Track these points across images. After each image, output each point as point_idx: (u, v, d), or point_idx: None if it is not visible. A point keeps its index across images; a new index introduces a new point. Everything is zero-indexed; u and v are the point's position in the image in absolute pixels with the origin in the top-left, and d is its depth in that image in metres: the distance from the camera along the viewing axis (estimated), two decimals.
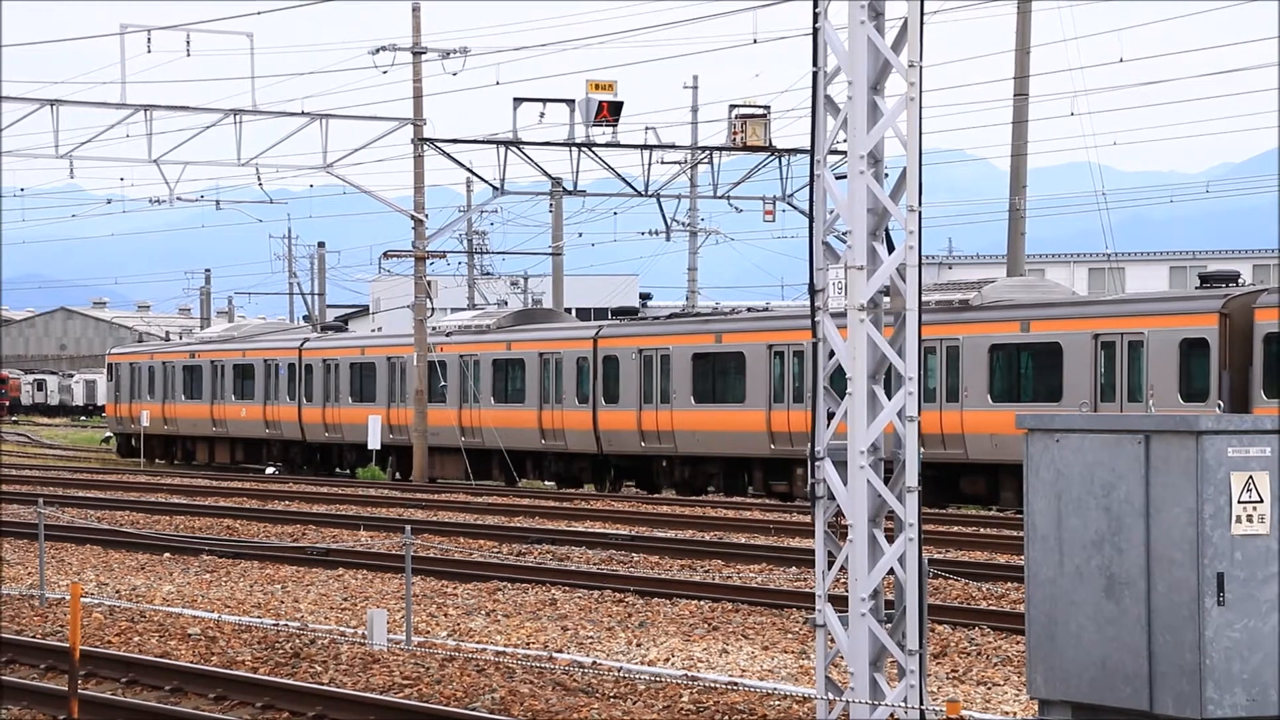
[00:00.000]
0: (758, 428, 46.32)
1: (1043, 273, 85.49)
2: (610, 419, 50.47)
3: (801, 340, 44.64)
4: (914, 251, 13.14)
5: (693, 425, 48.16)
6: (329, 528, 35.72)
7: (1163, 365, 37.76)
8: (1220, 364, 36.96)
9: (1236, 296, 37.33)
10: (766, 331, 46.72)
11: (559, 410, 51.91)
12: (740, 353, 46.93)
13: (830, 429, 13.46)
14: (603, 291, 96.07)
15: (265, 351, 65.02)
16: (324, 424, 61.47)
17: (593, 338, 51.47)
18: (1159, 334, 37.94)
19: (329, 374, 61.32)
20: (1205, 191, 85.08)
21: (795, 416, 45.20)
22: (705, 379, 47.98)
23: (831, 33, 13.38)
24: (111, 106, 50.49)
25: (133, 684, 17.69)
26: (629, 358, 49.92)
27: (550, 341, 52.66)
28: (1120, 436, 12.48)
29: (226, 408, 66.49)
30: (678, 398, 48.50)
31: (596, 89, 49.74)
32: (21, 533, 33.77)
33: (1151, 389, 37.73)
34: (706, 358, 47.96)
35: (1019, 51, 49.36)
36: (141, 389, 71.61)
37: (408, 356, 57.18)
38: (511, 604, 23.92)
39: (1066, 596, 12.71)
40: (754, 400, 46.44)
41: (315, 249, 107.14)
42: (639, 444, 49.69)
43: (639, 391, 49.58)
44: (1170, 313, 38.39)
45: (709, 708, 16.01)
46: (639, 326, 51.32)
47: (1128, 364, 38.43)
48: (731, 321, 49.04)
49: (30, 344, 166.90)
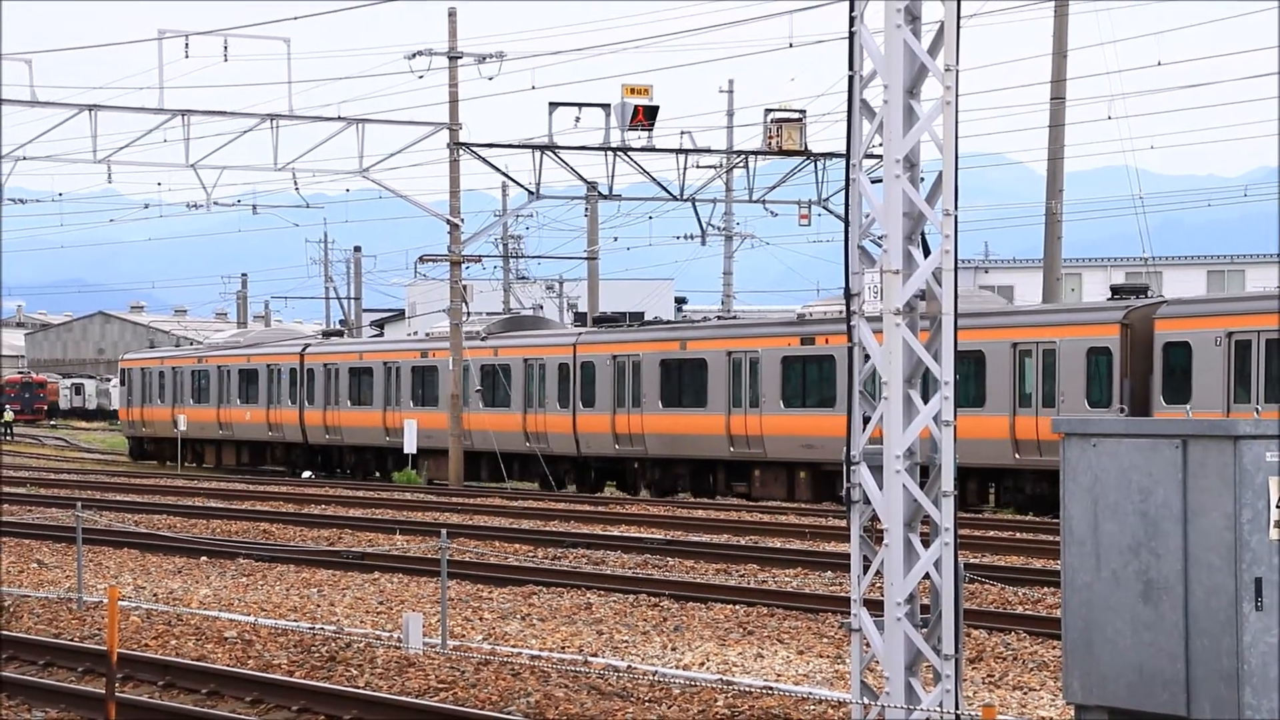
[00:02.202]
0: (718, 431, 48.30)
1: (1079, 277, 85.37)
2: (588, 422, 52.27)
3: (757, 348, 47.37)
4: (950, 255, 13.11)
5: (661, 429, 50.15)
6: (365, 531, 35.78)
7: (1072, 373, 40.03)
8: (1122, 372, 39.20)
9: (1138, 308, 39.55)
10: (726, 339, 48.74)
11: (542, 414, 53.70)
12: (703, 359, 48.99)
13: (866, 433, 13.44)
14: (638, 295, 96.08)
15: (268, 357, 67.09)
16: (325, 426, 63.34)
17: (572, 344, 53.27)
18: (1069, 343, 40.20)
19: (329, 378, 63.12)
20: (1244, 195, 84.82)
21: (752, 421, 47.34)
22: (672, 384, 49.98)
23: (867, 36, 13.36)
24: (149, 111, 50.67)
25: (170, 687, 17.74)
26: (604, 364, 51.86)
27: (534, 348, 54.47)
28: (1157, 441, 12.44)
29: (232, 411, 68.53)
30: (647, 402, 50.44)
31: (632, 93, 49.75)
32: (60, 536, 33.91)
33: (1063, 395, 39.88)
34: (672, 364, 49.95)
35: (1056, 55, 49.25)
36: (152, 393, 74.00)
37: (403, 361, 59.27)
38: (547, 608, 23.93)
39: (1103, 601, 12.67)
40: (715, 405, 48.47)
41: (351, 253, 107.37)
42: (614, 446, 51.63)
43: (613, 396, 51.47)
44: (1078, 323, 40.67)
45: (744, 712, 15.99)
46: (614, 334, 53.13)
47: (1042, 371, 40.57)
48: (695, 330, 51.36)
49: (68, 348, 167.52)
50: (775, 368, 46.96)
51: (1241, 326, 37.24)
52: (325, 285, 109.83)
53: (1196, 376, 37.86)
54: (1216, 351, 37.51)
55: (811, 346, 46.32)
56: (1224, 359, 37.44)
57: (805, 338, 46.59)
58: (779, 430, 46.86)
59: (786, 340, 47.07)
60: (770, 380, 47.04)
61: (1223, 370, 37.47)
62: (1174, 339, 38.44)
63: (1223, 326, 37.59)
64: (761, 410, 47.24)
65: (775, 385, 46.94)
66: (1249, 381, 37.04)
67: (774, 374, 46.97)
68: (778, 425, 46.86)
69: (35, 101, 49.76)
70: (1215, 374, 37.56)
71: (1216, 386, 37.49)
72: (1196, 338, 37.97)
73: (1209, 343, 37.68)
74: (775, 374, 46.94)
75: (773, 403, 47.01)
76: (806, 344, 46.49)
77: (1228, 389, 37.37)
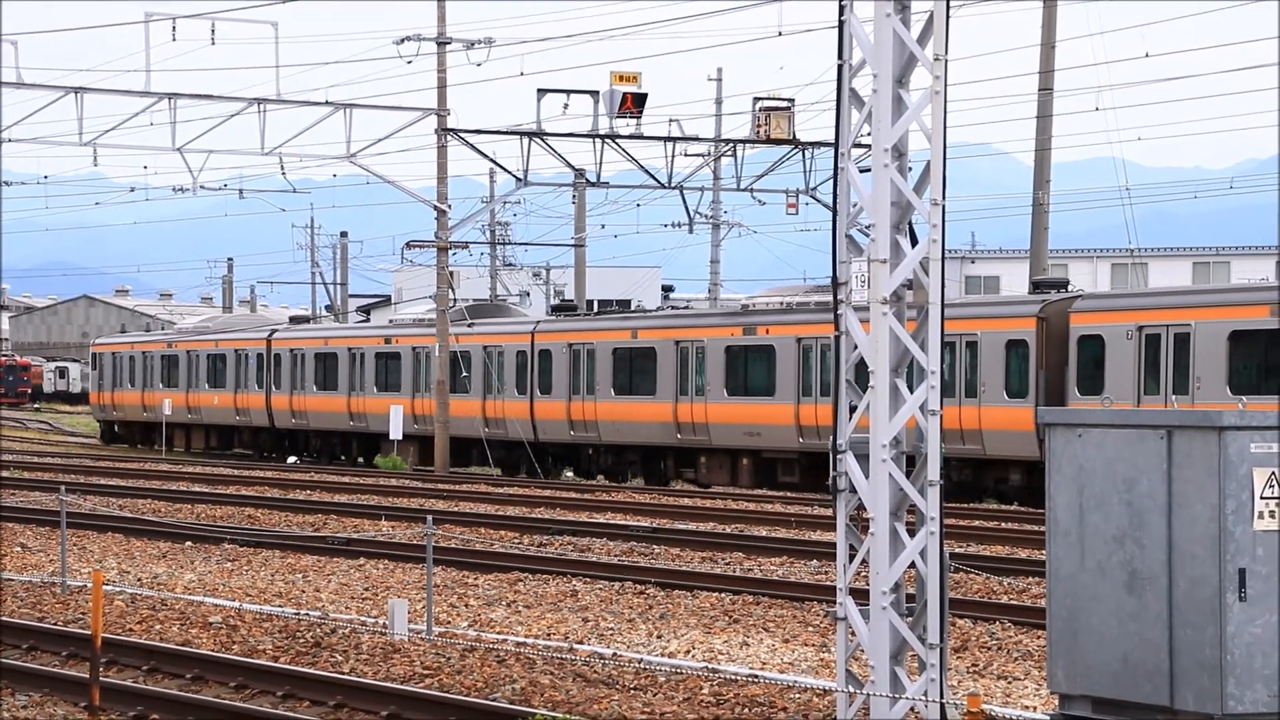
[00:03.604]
0: (666, 419, 49.29)
1: (1065, 268, 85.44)
2: (544, 409, 53.18)
3: (703, 337, 48.56)
4: (937, 245, 13.12)
5: (614, 416, 51.07)
6: (350, 517, 35.77)
7: (992, 364, 41.41)
8: (1038, 364, 40.50)
9: (1054, 301, 40.87)
10: (675, 329, 49.77)
11: (500, 400, 54.58)
12: (652, 348, 49.99)
13: (852, 422, 13.46)
14: (625, 283, 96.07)
15: (236, 342, 68.07)
16: (291, 411, 64.32)
17: (530, 332, 54.16)
18: (989, 335, 41.59)
19: (295, 364, 64.04)
20: (1230, 188, 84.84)
21: (698, 409, 48.44)
22: (624, 373, 50.90)
23: (857, 25, 13.36)
24: (136, 95, 50.56)
25: (154, 672, 17.73)
26: (560, 352, 52.75)
27: (493, 335, 55.20)
28: (1143, 432, 12.46)
29: (200, 395, 69.53)
30: (600, 390, 51.36)
31: (621, 80, 49.69)
32: (44, 520, 33.87)
33: (984, 386, 41.40)
34: (624, 353, 50.90)
35: (1044, 46, 49.26)
36: (123, 378, 74.85)
37: (367, 347, 60.33)
38: (532, 595, 23.94)
39: (1088, 592, 12.70)
40: (663, 393, 49.46)
41: (338, 239, 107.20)
42: (569, 433, 52.53)
43: (569, 384, 52.41)
44: (998, 316, 42.02)
45: (729, 700, 16.01)
46: (570, 322, 54.16)
47: (967, 362, 41.94)
48: (646, 319, 52.31)
49: (53, 331, 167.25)
50: (720, 357, 48.06)
51: (1152, 320, 38.76)
52: (312, 270, 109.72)
53: (1109, 368, 39.32)
54: (1128, 344, 39.02)
55: (753, 336, 47.37)
56: (1135, 351, 38.94)
57: (747, 328, 47.67)
58: (723, 418, 47.92)
59: (730, 330, 48.13)
60: (715, 369, 48.11)
61: (1134, 362, 38.94)
62: (1088, 332, 39.81)
63: (1134, 320, 39.00)
64: (707, 399, 48.38)
65: (719, 374, 48.00)
66: (1159, 373, 38.52)
67: (718, 363, 48.06)
68: (722, 413, 47.92)
69: (21, 84, 49.63)
70: (1127, 366, 39.05)
71: (1128, 378, 38.99)
72: (1109, 331, 39.37)
73: (1121, 336, 39.18)
74: (719, 363, 48.04)
75: (717, 391, 48.06)
76: (749, 334, 47.54)
77: (1138, 380, 38.87)
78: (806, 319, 46.08)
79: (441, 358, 55.15)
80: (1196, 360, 37.82)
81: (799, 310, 46.85)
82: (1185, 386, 37.95)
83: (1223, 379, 37.37)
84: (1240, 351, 37.55)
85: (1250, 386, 36.92)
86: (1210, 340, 37.60)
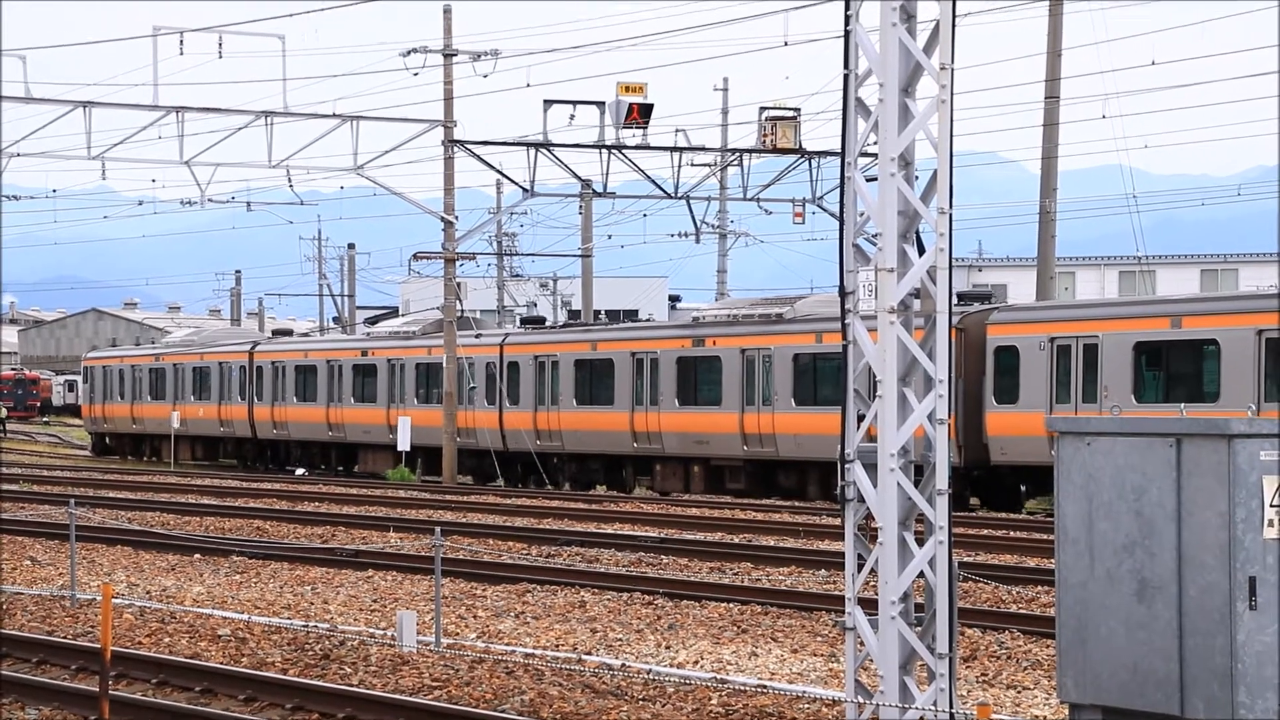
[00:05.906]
0: (623, 428, 50.70)
1: (1073, 276, 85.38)
2: (512, 419, 54.56)
3: (657, 349, 50.02)
4: (944, 254, 13.10)
5: (576, 425, 52.54)
6: (358, 529, 35.76)
7: None
8: (957, 373, 41.39)
9: (973, 313, 42.06)
10: (631, 341, 51.28)
11: (471, 410, 55.73)
12: (610, 360, 51.40)
13: (860, 432, 13.44)
14: (632, 293, 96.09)
15: (220, 355, 69.66)
16: (272, 422, 65.75)
17: (499, 345, 55.70)
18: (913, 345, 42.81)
19: (276, 376, 65.45)
20: (1237, 195, 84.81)
21: (652, 418, 49.88)
22: (585, 383, 52.42)
23: (863, 35, 13.35)
24: (144, 108, 50.63)
25: (163, 685, 17.72)
26: (527, 363, 54.32)
27: (464, 348, 56.18)
28: (1152, 440, 12.44)
29: (186, 408, 70.94)
30: (564, 400, 52.87)
31: (627, 91, 49.73)
32: (53, 533, 33.88)
33: None
34: (585, 364, 52.38)
35: (1051, 54, 49.25)
36: (113, 390, 76.19)
37: (345, 360, 61.78)
38: (541, 606, 23.92)
39: (1097, 600, 12.67)
40: (620, 403, 50.92)
41: (345, 250, 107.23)
42: (535, 442, 53.83)
43: (534, 394, 53.85)
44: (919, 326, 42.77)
45: (738, 710, 15.99)
46: (536, 335, 55.78)
47: None
48: (605, 331, 53.76)
49: (61, 345, 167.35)
50: (671, 368, 49.34)
51: (1063, 332, 40.16)
52: (319, 282, 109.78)
53: (1024, 378, 40.68)
54: (1041, 355, 40.41)
55: (702, 348, 48.63)
56: (1047, 362, 40.32)
57: (697, 339, 48.93)
58: (675, 427, 49.25)
59: (680, 342, 49.47)
60: (667, 380, 49.42)
61: (1046, 373, 40.32)
62: (1004, 343, 41.25)
63: (1046, 332, 40.38)
64: (660, 408, 49.68)
65: (671, 384, 49.31)
66: (1069, 383, 39.97)
67: (670, 374, 49.37)
68: (674, 422, 49.24)
69: (30, 98, 49.71)
70: (1040, 376, 40.41)
71: (1040, 388, 40.36)
72: (1023, 342, 40.79)
73: (1034, 347, 40.56)
74: (671, 374, 49.34)
75: (669, 401, 49.37)
76: (698, 345, 48.77)
77: (1050, 390, 40.26)
78: (750, 331, 47.56)
79: (450, 369, 55.27)
80: (1104, 370, 39.15)
81: (744, 323, 48.11)
82: (1094, 395, 39.27)
83: (1128, 388, 38.69)
84: (1144, 362, 39.01)
85: (1155, 396, 38.50)
86: (1116, 351, 38.96)
